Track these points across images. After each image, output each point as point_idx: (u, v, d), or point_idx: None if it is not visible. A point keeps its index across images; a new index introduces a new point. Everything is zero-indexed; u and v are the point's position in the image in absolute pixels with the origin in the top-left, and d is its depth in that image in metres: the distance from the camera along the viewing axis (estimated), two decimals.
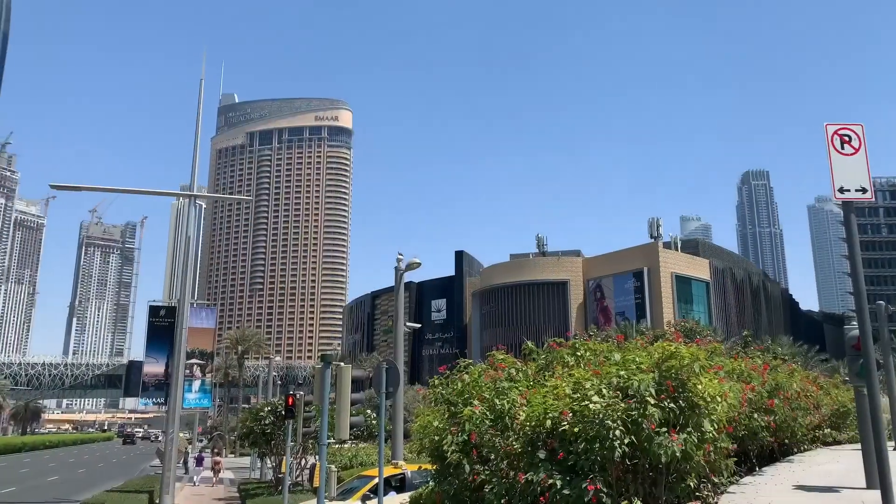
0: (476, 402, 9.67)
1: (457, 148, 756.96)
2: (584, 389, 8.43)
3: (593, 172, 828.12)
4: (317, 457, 27.39)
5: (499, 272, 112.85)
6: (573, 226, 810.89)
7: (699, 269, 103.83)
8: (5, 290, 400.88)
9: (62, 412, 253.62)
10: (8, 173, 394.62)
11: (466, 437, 9.33)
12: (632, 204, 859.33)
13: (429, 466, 12.05)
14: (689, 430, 8.19)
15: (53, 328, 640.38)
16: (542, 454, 8.35)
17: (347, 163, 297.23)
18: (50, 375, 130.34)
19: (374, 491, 16.22)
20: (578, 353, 10.66)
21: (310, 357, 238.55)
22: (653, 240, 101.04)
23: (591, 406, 8.05)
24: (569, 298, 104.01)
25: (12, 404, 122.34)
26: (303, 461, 28.28)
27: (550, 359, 10.95)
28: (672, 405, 8.26)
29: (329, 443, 14.90)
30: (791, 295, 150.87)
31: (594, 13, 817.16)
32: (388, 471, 16.50)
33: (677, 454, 7.87)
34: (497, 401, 9.40)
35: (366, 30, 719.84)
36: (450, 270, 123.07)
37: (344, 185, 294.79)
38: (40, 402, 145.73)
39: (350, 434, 14.53)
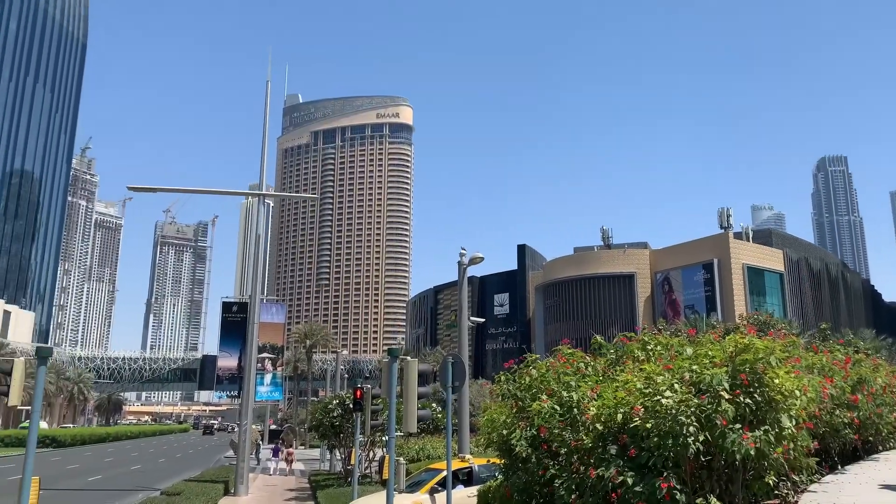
0: (544, 397, 9.62)
1: (518, 139, 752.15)
2: (655, 384, 8.28)
3: (660, 162, 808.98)
4: (384, 449, 27.84)
5: (562, 266, 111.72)
6: (639, 218, 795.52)
7: (772, 259, 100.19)
8: (87, 288, 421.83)
9: (141, 404, 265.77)
10: (88, 177, 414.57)
11: (535, 432, 9.31)
12: (700, 194, 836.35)
13: (497, 460, 12.07)
14: (765, 426, 7.94)
15: (132, 324, 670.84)
16: (613, 449, 8.25)
17: (408, 158, 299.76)
18: (130, 369, 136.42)
19: (442, 484, 16.35)
20: (649, 348, 10.47)
21: (375, 351, 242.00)
22: (723, 230, 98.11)
23: (663, 401, 7.90)
24: (636, 292, 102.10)
25: (96, 396, 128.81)
26: (371, 453, 28.74)
27: (620, 353, 10.80)
28: (747, 400, 8.01)
29: (397, 435, 15.09)
30: (873, 286, 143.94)
31: None
32: (456, 464, 16.60)
33: (751, 452, 7.64)
34: (566, 395, 9.33)
35: (423, 24, 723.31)
36: (512, 264, 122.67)
37: (405, 180, 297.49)
38: (121, 394, 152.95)
39: (417, 427, 14.67)
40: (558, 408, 9.32)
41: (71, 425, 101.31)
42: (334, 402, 28.09)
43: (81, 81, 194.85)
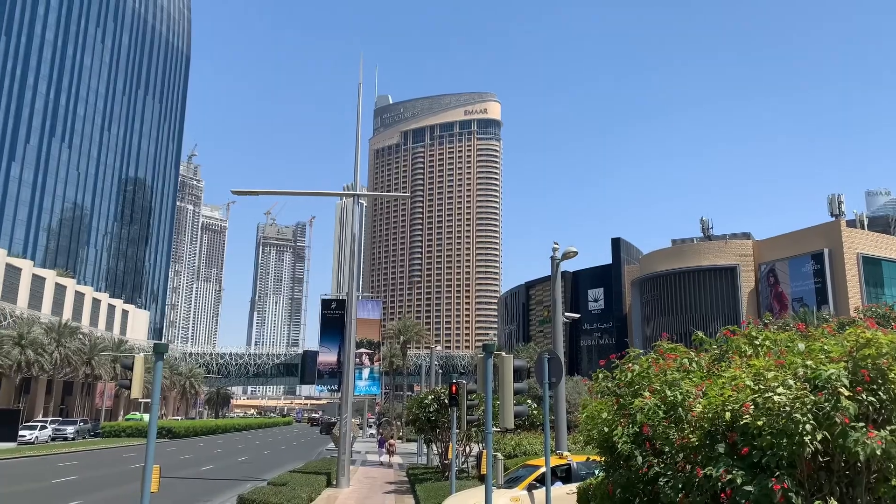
0: (646, 394, 9.37)
1: (609, 130, 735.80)
2: (766, 381, 7.88)
3: (761, 148, 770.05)
4: (481, 444, 27.94)
5: (660, 259, 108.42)
6: (740, 207, 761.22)
7: (892, 248, 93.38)
8: (196, 287, 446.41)
9: (247, 398, 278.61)
10: (195, 182, 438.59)
11: (638, 429, 9.07)
12: (807, 181, 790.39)
13: (596, 458, 11.86)
14: (892, 425, 7.40)
15: (238, 321, 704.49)
16: (721, 448, 7.92)
17: (497, 154, 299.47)
18: (236, 364, 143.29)
19: (540, 480, 16.24)
20: (756, 343, 9.98)
21: (467, 346, 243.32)
22: (834, 218, 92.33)
23: (775, 398, 7.51)
24: (738, 285, 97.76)
25: (206, 391, 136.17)
26: (467, 448, 28.90)
27: (726, 349, 10.35)
28: (870, 398, 7.49)
29: (493, 431, 15.10)
30: None
31: None
32: (554, 461, 16.44)
33: (877, 452, 7.13)
34: (669, 392, 9.04)
35: (507, 18, 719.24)
36: (606, 258, 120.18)
37: (494, 176, 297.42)
38: (229, 388, 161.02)
39: (514, 423, 14.61)
40: (661, 405, 9.04)
41: (178, 418, 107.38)
42: (430, 397, 28.41)
43: (186, 92, 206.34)
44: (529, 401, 29.18)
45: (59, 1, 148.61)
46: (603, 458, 10.46)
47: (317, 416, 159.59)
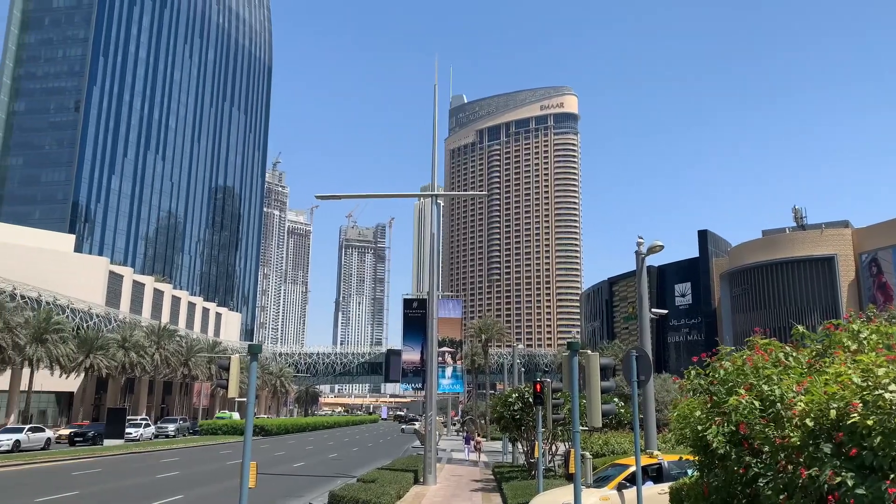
0: (742, 391, 9.01)
1: (692, 120, 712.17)
2: (876, 377, 7.43)
3: (856, 132, 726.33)
4: (567, 443, 27.64)
5: (750, 250, 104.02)
6: (836, 194, 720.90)
7: None
8: (284, 290, 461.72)
9: (334, 396, 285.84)
10: (280, 188, 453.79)
11: (734, 428, 8.74)
12: None
13: (689, 457, 11.52)
14: None
15: (324, 322, 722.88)
16: (826, 448, 7.52)
17: (575, 148, 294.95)
18: (323, 364, 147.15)
19: (630, 479, 15.92)
20: (861, 337, 9.41)
21: (549, 344, 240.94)
22: None
23: (886, 396, 7.06)
24: (836, 276, 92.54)
25: (295, 389, 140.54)
26: (553, 447, 28.65)
27: (828, 343, 9.81)
28: None
29: (581, 430, 14.89)
30: None
31: None
32: (644, 460, 16.07)
33: None
34: (767, 389, 8.66)
35: (582, 9, 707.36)
36: (692, 252, 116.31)
37: (572, 170, 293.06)
38: (317, 386, 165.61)
39: (601, 422, 14.37)
40: (758, 402, 8.68)
41: (265, 415, 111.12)
42: (513, 395, 28.32)
43: (269, 101, 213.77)
44: (616, 399, 28.62)
45: (150, 21, 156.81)
46: (696, 458, 10.14)
47: (402, 413, 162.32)
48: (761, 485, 8.16)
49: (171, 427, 66.53)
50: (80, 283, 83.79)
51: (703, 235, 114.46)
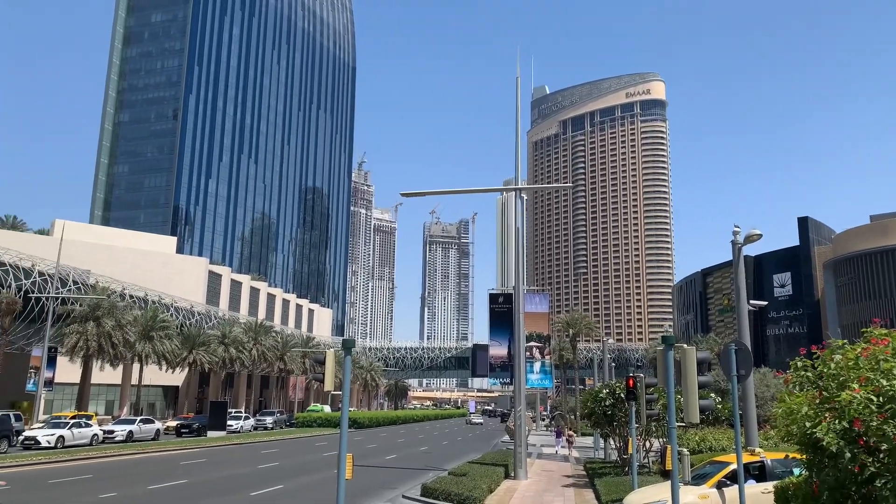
0: (856, 386, 8.48)
1: (786, 100, 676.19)
2: None
3: None
4: (661, 440, 26.91)
5: (857, 237, 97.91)
6: None
7: None
8: (371, 286, 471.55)
9: (423, 390, 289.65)
10: (365, 187, 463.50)
11: (847, 425, 8.25)
12: None
13: (796, 455, 10.98)
14: None
15: (410, 317, 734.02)
16: None
17: (663, 135, 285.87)
18: (411, 358, 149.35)
19: (730, 477, 15.35)
20: None
21: (640, 339, 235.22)
22: None
23: None
24: None
25: (385, 383, 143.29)
26: (646, 443, 27.99)
27: None
28: None
29: (677, 426, 14.48)
30: None
31: None
32: (746, 458, 15.45)
33: None
34: (885, 384, 8.12)
35: None
36: (791, 240, 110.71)
37: (661, 159, 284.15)
38: (405, 381, 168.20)
39: (698, 418, 13.90)
40: (875, 398, 8.15)
41: (357, 409, 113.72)
42: (604, 391, 27.84)
43: (354, 102, 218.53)
44: (713, 395, 27.63)
45: (240, 30, 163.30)
46: (804, 456, 9.64)
47: (490, 408, 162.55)
48: (878, 485, 7.69)
49: (269, 419, 69.29)
50: (182, 283, 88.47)
51: (804, 222, 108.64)
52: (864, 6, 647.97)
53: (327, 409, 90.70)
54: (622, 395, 25.14)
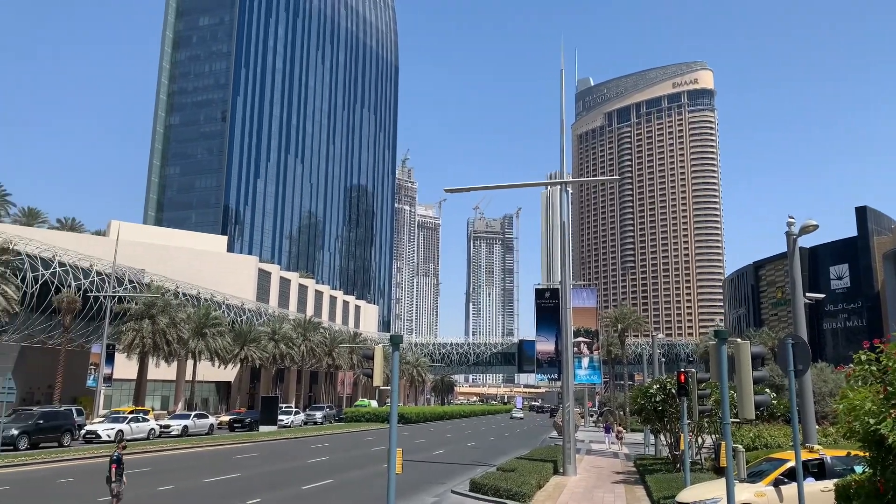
0: None
1: (842, 88, 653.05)
2: None
3: None
4: (714, 436, 26.36)
5: None
6: None
7: None
8: (416, 282, 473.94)
9: (469, 386, 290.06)
10: (409, 184, 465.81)
11: None
12: None
13: (859, 452, 10.62)
14: None
15: (455, 313, 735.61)
16: None
17: (712, 125, 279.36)
18: (457, 354, 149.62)
19: (787, 475, 14.94)
20: None
21: (690, 333, 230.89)
22: None
23: None
24: None
25: (431, 378, 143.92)
26: (698, 439, 27.48)
27: None
28: None
29: (732, 422, 14.14)
30: None
31: None
32: (804, 455, 15.02)
33: None
34: None
35: None
36: (847, 231, 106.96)
37: (710, 149, 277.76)
38: (452, 376, 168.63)
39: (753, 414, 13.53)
40: None
41: (403, 404, 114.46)
42: (655, 386, 27.41)
43: (397, 100, 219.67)
44: (768, 390, 26.94)
45: (285, 31, 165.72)
46: (867, 453, 9.32)
47: (537, 404, 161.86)
48: None
49: (318, 414, 70.32)
50: (233, 281, 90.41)
51: (863, 212, 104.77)
52: None
53: (374, 404, 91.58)
54: (673, 391, 24.73)
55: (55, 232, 79.81)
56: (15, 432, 33.49)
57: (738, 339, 13.74)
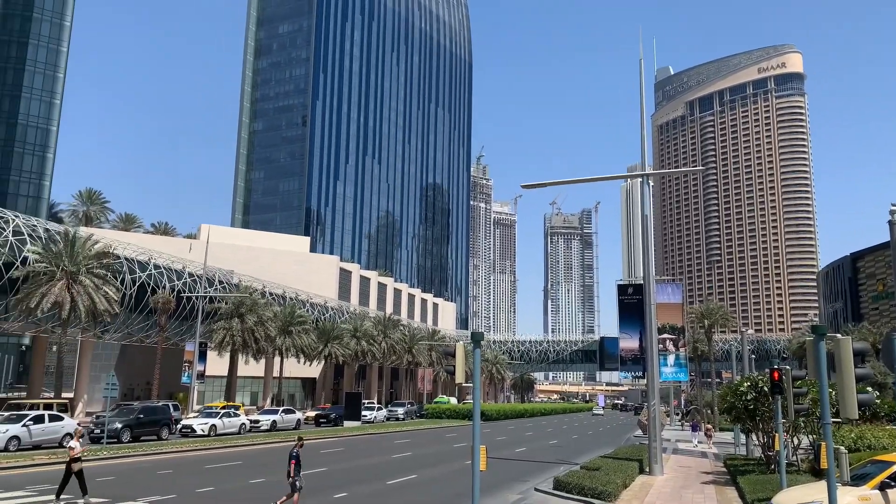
0: None
1: None
2: None
3: None
4: (810, 436, 25.09)
5: None
6: None
7: None
8: (493, 279, 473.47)
9: (549, 383, 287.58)
10: (484, 181, 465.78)
11: None
12: None
13: None
14: None
15: (533, 310, 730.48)
16: None
17: (802, 111, 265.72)
18: (536, 351, 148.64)
19: (895, 478, 14.07)
20: None
21: (781, 329, 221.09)
22: None
23: None
24: None
25: (510, 376, 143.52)
26: (794, 440, 26.24)
27: None
28: None
29: (832, 422, 13.43)
30: None
31: None
32: None
33: None
34: None
35: None
36: None
37: (800, 136, 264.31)
38: (531, 374, 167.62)
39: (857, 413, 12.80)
40: None
41: (489, 401, 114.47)
42: (745, 384, 26.34)
43: (471, 98, 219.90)
44: (870, 388, 25.42)
45: (361, 35, 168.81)
46: None
47: (620, 402, 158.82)
48: None
49: (400, 410, 71.38)
50: (316, 280, 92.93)
51: None
52: None
53: (454, 400, 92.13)
54: (766, 389, 23.73)
55: (150, 236, 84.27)
56: (118, 426, 35.49)
57: (838, 335, 13.05)
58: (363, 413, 61.91)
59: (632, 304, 35.21)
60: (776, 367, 20.26)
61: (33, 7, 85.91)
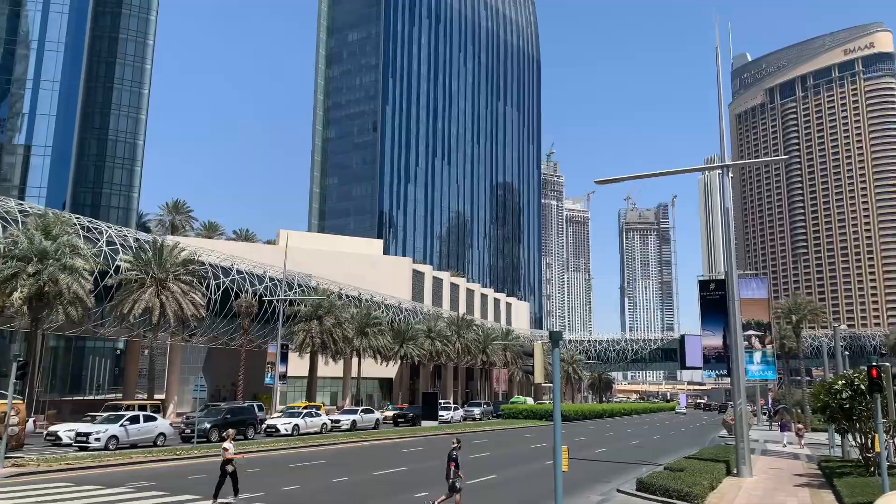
0: None
1: None
2: None
3: None
4: None
5: None
6: None
7: None
8: (566, 278, 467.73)
9: (628, 383, 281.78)
10: (555, 179, 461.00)
11: None
12: None
13: None
14: None
15: (609, 308, 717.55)
16: None
17: (893, 93, 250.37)
18: (614, 350, 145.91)
19: None
20: None
21: (877, 324, 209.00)
22: None
23: None
24: None
25: (588, 376, 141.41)
26: (895, 440, 24.80)
27: None
28: None
29: None
30: None
31: None
32: None
33: None
34: None
35: None
36: None
37: (892, 119, 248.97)
38: (609, 374, 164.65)
39: None
40: None
41: (548, 400, 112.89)
42: (840, 382, 25.06)
43: (540, 95, 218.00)
44: None
45: (428, 38, 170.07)
46: None
47: (704, 401, 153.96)
48: None
49: (476, 410, 71.50)
50: (389, 282, 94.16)
51: None
52: None
53: (530, 401, 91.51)
54: (863, 387, 22.52)
55: (232, 242, 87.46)
56: (207, 426, 36.96)
57: None
58: (440, 413, 62.31)
59: (714, 300, 34.04)
60: (874, 363, 19.18)
61: (119, 28, 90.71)
